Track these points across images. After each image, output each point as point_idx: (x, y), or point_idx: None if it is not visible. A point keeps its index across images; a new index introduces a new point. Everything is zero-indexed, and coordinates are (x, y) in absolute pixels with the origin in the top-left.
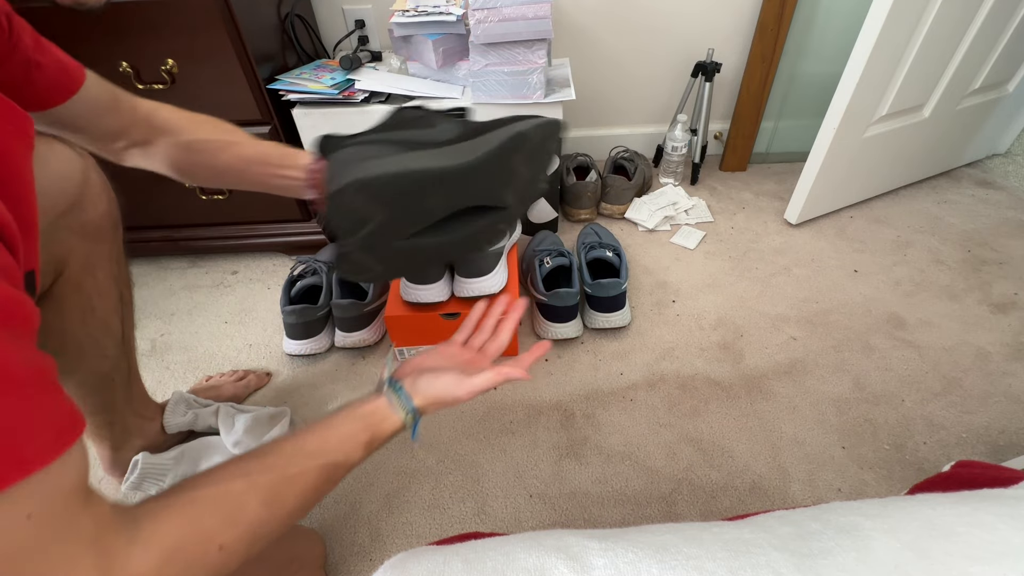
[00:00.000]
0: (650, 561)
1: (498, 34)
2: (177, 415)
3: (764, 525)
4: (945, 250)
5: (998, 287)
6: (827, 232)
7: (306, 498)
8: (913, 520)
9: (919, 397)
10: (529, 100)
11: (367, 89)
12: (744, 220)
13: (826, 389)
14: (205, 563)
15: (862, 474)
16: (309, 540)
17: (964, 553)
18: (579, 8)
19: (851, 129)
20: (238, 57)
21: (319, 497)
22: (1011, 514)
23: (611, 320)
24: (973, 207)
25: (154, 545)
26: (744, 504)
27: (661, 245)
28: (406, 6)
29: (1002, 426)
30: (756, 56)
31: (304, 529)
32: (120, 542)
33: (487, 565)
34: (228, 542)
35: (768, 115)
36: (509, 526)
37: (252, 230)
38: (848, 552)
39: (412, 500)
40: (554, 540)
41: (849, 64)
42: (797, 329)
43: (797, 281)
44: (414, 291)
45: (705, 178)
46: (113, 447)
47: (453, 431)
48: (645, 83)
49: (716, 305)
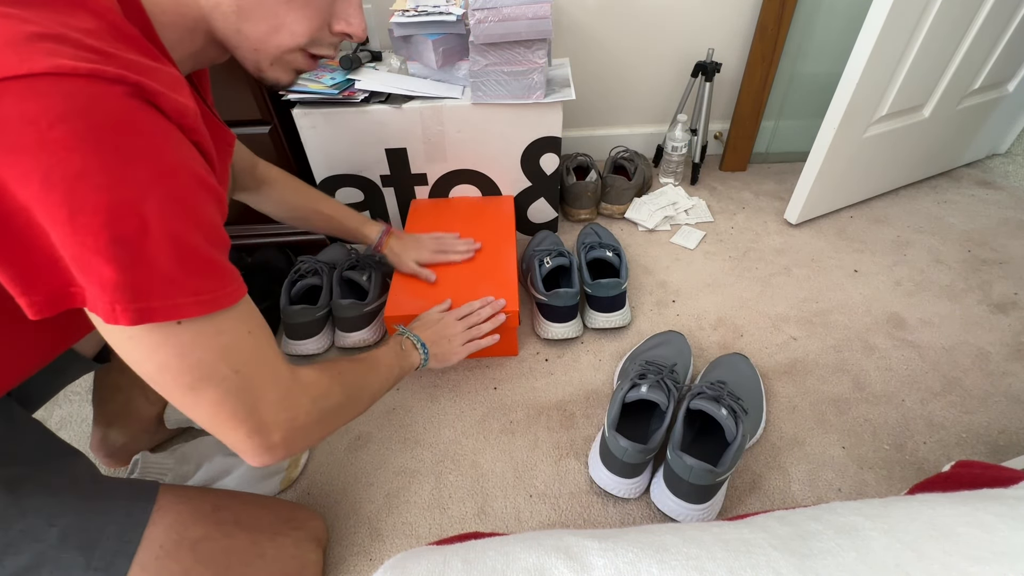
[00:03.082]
0: (650, 561)
1: (498, 34)
2: (179, 411)
3: (764, 525)
4: (945, 250)
5: (998, 287)
6: (827, 232)
7: (368, 397)
8: (913, 520)
9: (919, 397)
10: (529, 100)
11: (367, 89)
12: (744, 220)
13: (826, 389)
14: (329, 404)
15: (862, 474)
16: (308, 512)
17: (964, 553)
18: (579, 8)
19: (851, 129)
20: None
21: (372, 401)
22: (1011, 514)
23: (611, 320)
24: (973, 207)
25: (314, 367)
26: (744, 504)
27: (661, 245)
28: (406, 6)
29: (1002, 426)
30: (756, 56)
31: (304, 505)
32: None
33: (487, 565)
34: (334, 403)
35: (768, 115)
36: (509, 526)
37: (252, 229)
38: (848, 552)
39: (412, 500)
40: (554, 540)
41: (849, 64)
42: (797, 329)
43: (797, 281)
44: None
45: (705, 178)
46: (107, 422)
47: (453, 431)
48: (645, 83)
49: (716, 305)
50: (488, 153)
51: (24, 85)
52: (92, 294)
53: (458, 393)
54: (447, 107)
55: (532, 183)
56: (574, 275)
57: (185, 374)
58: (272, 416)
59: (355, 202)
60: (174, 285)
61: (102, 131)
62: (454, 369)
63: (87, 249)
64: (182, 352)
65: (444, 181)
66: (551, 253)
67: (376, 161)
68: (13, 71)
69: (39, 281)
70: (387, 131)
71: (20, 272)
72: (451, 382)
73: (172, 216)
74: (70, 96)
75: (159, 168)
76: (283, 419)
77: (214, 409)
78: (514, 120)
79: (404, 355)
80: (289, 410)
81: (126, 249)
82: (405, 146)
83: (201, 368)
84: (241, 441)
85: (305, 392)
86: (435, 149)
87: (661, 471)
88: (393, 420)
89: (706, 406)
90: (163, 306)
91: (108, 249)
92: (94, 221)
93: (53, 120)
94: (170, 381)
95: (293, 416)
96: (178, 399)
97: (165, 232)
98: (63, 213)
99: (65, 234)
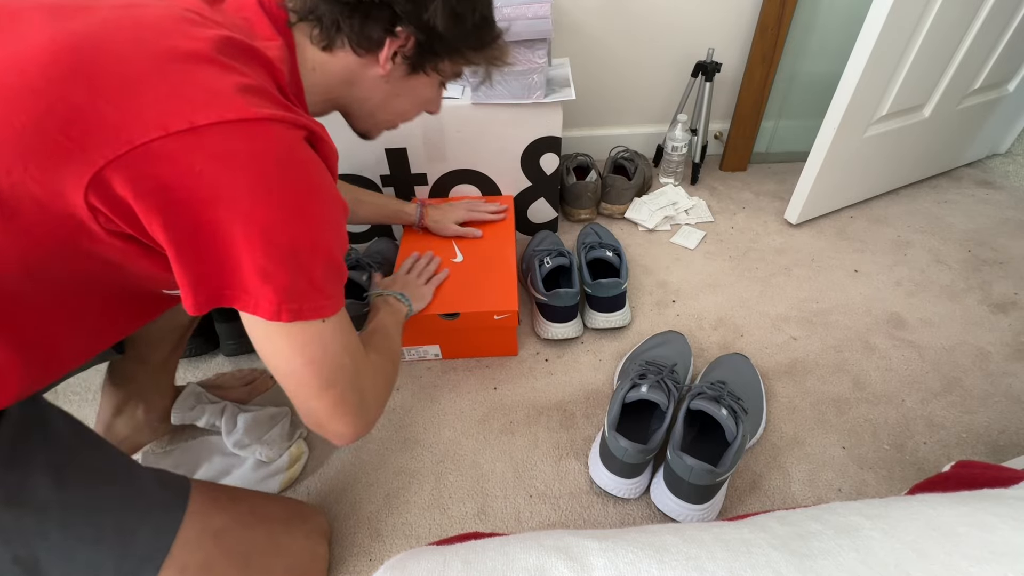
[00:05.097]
0: (650, 561)
1: None
2: (185, 408)
3: (764, 525)
4: (945, 250)
5: (998, 287)
6: (827, 232)
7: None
8: (913, 520)
9: (919, 397)
10: (529, 100)
11: None
12: (744, 220)
13: (826, 389)
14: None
15: (862, 474)
16: (313, 508)
17: (964, 553)
18: (579, 8)
19: (851, 129)
20: None
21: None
22: (1011, 514)
23: (611, 320)
24: (973, 207)
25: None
26: (744, 504)
27: (661, 245)
28: None
29: (1002, 426)
30: (756, 56)
31: (307, 503)
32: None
33: (487, 565)
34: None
35: (768, 115)
36: (509, 526)
37: None
38: (848, 552)
39: (412, 500)
40: (554, 540)
41: (849, 64)
42: (797, 329)
43: (797, 281)
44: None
45: (705, 178)
46: (115, 411)
47: (453, 431)
48: (645, 83)
49: (716, 305)
50: (488, 153)
51: (253, 127)
52: (259, 297)
53: (458, 393)
54: (447, 107)
55: (532, 183)
56: (574, 275)
57: (325, 367)
58: (371, 398)
59: None
60: (322, 292)
61: (297, 166)
62: (454, 369)
63: (272, 260)
64: (324, 345)
65: (444, 181)
66: (551, 253)
67: (376, 161)
68: (244, 115)
69: (204, 283)
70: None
71: (197, 274)
72: (451, 382)
73: (331, 237)
74: (280, 138)
75: (326, 198)
76: (374, 399)
77: (337, 401)
78: (514, 120)
79: (395, 311)
80: (375, 388)
81: (299, 261)
82: (405, 146)
83: (335, 360)
84: (348, 426)
85: (378, 372)
86: (435, 149)
87: (661, 471)
88: (393, 420)
89: (706, 406)
90: (312, 307)
91: (288, 261)
92: (282, 239)
93: (270, 156)
94: (312, 375)
95: (377, 395)
96: (313, 393)
97: (325, 250)
98: (260, 229)
99: (256, 247)
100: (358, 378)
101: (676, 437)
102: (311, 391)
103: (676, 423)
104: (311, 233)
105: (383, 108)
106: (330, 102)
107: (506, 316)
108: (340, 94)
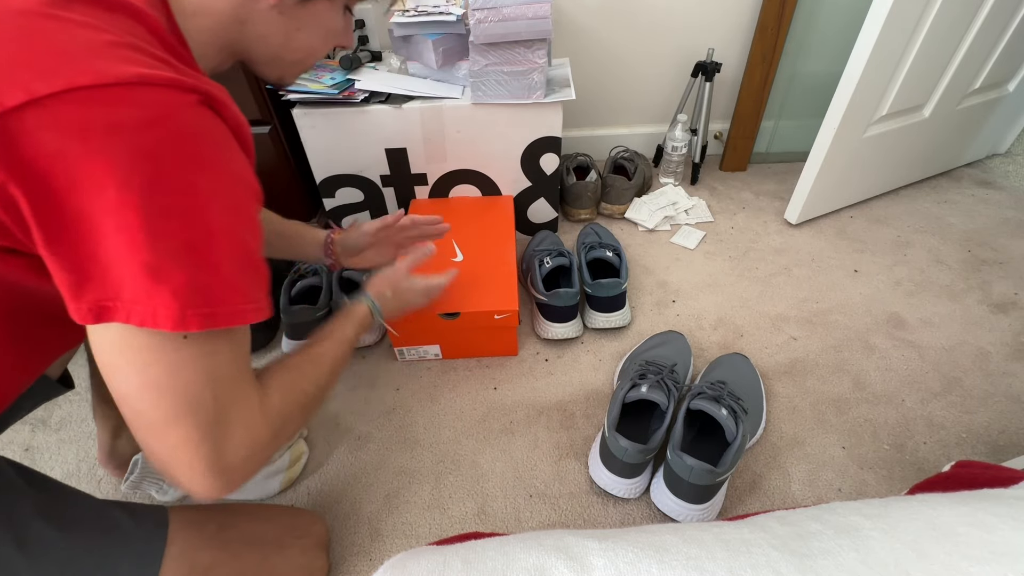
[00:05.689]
0: (650, 561)
1: (498, 34)
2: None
3: (764, 525)
4: (945, 250)
5: (998, 287)
6: (827, 232)
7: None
8: (913, 520)
9: (919, 397)
10: (529, 100)
11: (367, 89)
12: (744, 220)
13: (826, 389)
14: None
15: (862, 474)
16: (310, 517)
17: (964, 553)
18: (579, 8)
19: (851, 129)
20: None
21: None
22: (1011, 514)
23: (611, 320)
24: (973, 207)
25: (274, 388)
26: (744, 504)
27: (661, 245)
28: (406, 6)
29: (1002, 426)
30: (756, 56)
31: (305, 509)
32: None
33: (487, 565)
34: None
35: (768, 115)
36: (509, 526)
37: None
38: (848, 552)
39: (412, 500)
40: (554, 540)
41: (849, 64)
42: (797, 329)
43: (797, 281)
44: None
45: (705, 178)
46: (114, 432)
47: (453, 431)
48: (645, 83)
49: (716, 305)
50: (488, 153)
51: (113, 93)
52: (156, 303)
53: (458, 393)
54: (447, 107)
55: (532, 183)
56: (574, 275)
57: (169, 398)
58: (239, 452)
59: (355, 202)
60: (237, 290)
61: (180, 139)
62: (454, 369)
63: (160, 255)
64: (175, 370)
65: (444, 181)
66: (551, 253)
67: (376, 161)
68: (102, 79)
69: (88, 289)
70: (387, 131)
71: (77, 277)
72: (451, 382)
73: (236, 222)
74: (154, 104)
75: (223, 174)
76: (245, 454)
77: (180, 443)
78: (514, 120)
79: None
80: (250, 441)
81: (197, 254)
82: (405, 146)
83: (188, 390)
84: (195, 482)
85: (268, 420)
86: (435, 149)
87: (661, 471)
88: (393, 420)
89: (706, 406)
90: (228, 311)
91: (181, 254)
92: (169, 226)
93: (138, 127)
94: (150, 405)
95: (253, 450)
96: (151, 429)
97: (230, 238)
98: (138, 218)
99: (137, 240)
100: (221, 422)
101: (676, 437)
102: (148, 424)
103: (676, 423)
104: (205, 218)
105: (286, 46)
106: (225, 50)
107: (506, 316)
108: (233, 38)
